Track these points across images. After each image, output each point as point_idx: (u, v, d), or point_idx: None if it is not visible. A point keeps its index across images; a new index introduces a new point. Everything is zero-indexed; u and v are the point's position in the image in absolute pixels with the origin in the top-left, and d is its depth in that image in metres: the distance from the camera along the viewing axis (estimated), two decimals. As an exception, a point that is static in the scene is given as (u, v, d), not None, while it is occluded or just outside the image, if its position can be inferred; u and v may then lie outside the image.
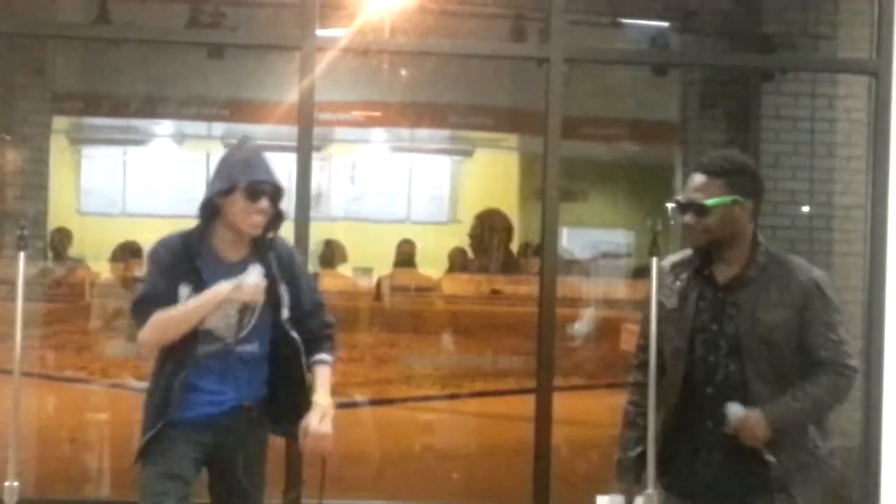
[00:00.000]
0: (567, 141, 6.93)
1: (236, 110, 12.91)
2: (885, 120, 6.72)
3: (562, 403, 6.64)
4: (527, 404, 6.79)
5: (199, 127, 14.87)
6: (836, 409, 4.44)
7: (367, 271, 12.73)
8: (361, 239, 13.53)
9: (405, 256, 12.88)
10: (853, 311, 7.09)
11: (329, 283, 11.53)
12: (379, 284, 12.21)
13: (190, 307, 4.44)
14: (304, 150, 6.62)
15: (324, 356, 4.71)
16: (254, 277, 4.46)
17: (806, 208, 8.58)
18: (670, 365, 4.47)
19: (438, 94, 12.10)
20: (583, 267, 13.49)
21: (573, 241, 13.22)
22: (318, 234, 8.98)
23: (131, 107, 12.86)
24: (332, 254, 12.56)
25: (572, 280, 12.48)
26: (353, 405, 9.96)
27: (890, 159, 6.71)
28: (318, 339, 4.72)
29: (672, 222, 4.83)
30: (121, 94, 12.42)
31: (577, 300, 10.59)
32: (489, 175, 15.42)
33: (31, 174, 9.77)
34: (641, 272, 7.33)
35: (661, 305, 4.45)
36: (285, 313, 4.61)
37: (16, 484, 4.46)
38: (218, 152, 15.47)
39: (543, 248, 6.74)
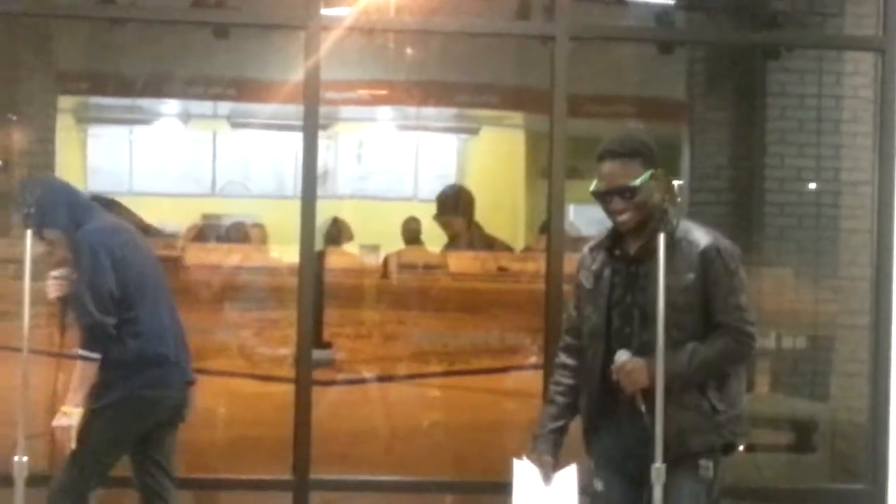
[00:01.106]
0: (573, 119, 6.93)
1: (242, 89, 12.90)
2: (892, 96, 6.71)
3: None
4: (535, 381, 6.81)
5: (204, 106, 14.88)
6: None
7: (374, 249, 12.74)
8: (368, 217, 13.54)
9: (412, 234, 12.87)
10: (860, 286, 7.11)
11: (336, 260, 11.53)
12: (386, 262, 12.21)
13: None
14: (311, 129, 6.63)
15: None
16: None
17: (812, 185, 8.58)
18: (589, 344, 4.66)
19: (444, 72, 12.08)
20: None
21: (580, 218, 13.20)
22: (324, 212, 8.99)
23: (137, 86, 12.84)
24: (338, 232, 12.56)
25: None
26: (361, 382, 9.99)
27: (896, 135, 6.71)
28: None
29: (678, 199, 4.91)
30: (126, 74, 12.40)
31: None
32: (495, 153, 15.41)
33: (37, 154, 9.78)
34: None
35: (579, 287, 4.72)
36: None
37: (25, 459, 4.49)
38: (224, 132, 15.62)
39: (550, 226, 6.74)
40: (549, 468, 4.72)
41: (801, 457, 7.87)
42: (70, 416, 5.15)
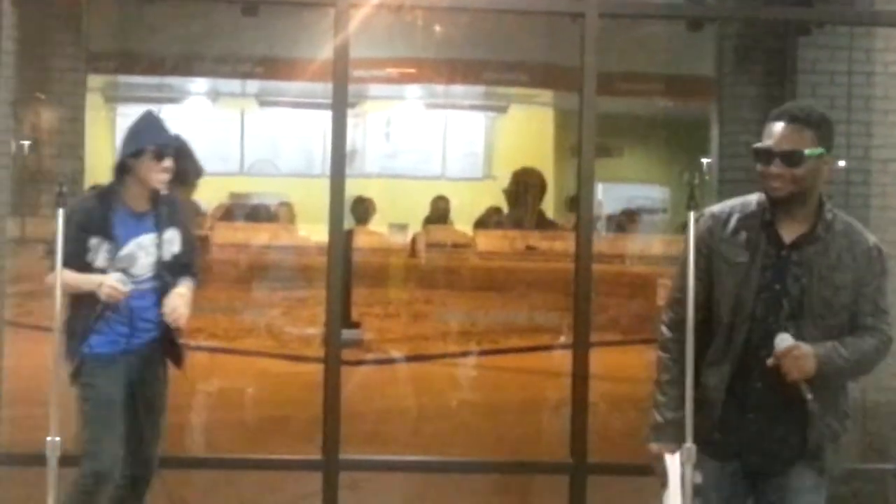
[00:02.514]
0: (602, 97, 6.89)
1: (271, 67, 12.92)
2: (923, 72, 6.66)
3: (598, 358, 6.63)
4: (563, 360, 6.80)
5: (233, 85, 14.93)
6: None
7: (402, 228, 12.76)
8: (396, 195, 13.56)
9: (440, 213, 12.89)
10: (892, 265, 7.07)
11: (362, 240, 11.55)
12: (414, 241, 12.23)
13: (72, 282, 5.04)
14: (339, 107, 6.59)
15: (187, 278, 5.39)
16: (111, 281, 5.12)
17: (842, 163, 8.53)
18: (729, 324, 4.29)
19: (473, 50, 12.06)
20: (619, 222, 13.49)
21: (608, 196, 13.22)
22: (353, 190, 9.00)
23: (166, 65, 12.89)
24: (365, 211, 12.58)
25: (607, 235, 12.49)
26: (390, 361, 10.01)
27: (928, 112, 6.66)
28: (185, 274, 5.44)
29: (707, 177, 4.79)
30: (155, 53, 12.45)
31: (614, 256, 10.59)
32: (524, 131, 15.40)
33: (67, 133, 9.78)
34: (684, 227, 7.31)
35: (723, 259, 4.30)
36: (166, 255, 5.31)
37: (58, 439, 4.50)
38: (253, 110, 15.67)
39: (579, 204, 6.71)
40: (671, 457, 4.43)
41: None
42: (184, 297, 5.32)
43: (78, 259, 5.15)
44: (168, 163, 5.26)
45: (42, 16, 8.73)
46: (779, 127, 4.16)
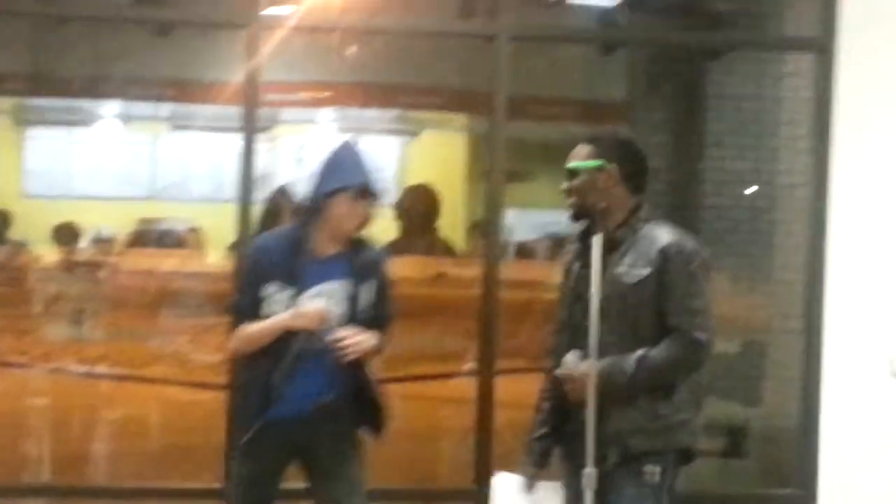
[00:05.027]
0: (514, 121, 6.87)
1: (182, 90, 12.79)
2: (829, 97, 6.68)
3: (505, 386, 6.60)
4: (470, 387, 6.74)
5: (145, 108, 14.76)
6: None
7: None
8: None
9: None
10: (794, 291, 7.08)
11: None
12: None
13: (260, 330, 4.71)
14: (249, 131, 6.53)
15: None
16: (312, 305, 4.66)
17: (753, 188, 8.56)
18: (556, 339, 4.59)
19: (387, 73, 12.03)
20: (529, 249, 13.47)
21: (520, 222, 13.18)
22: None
23: (76, 87, 12.71)
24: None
25: (517, 262, 12.46)
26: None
27: (831, 136, 6.68)
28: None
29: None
30: (65, 74, 12.28)
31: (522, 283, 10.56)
32: (436, 156, 15.40)
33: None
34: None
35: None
36: (362, 311, 4.79)
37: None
38: (165, 133, 15.50)
39: (488, 230, 6.68)
40: (530, 479, 4.52)
41: (732, 462, 7.85)
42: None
43: (255, 309, 4.76)
44: (366, 206, 4.80)
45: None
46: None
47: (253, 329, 4.73)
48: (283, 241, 4.83)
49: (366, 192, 4.78)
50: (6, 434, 8.56)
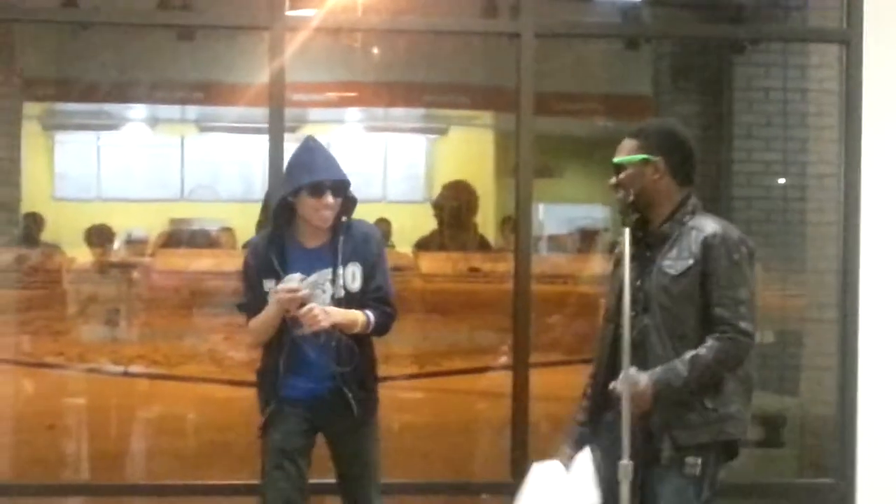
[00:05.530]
0: (540, 117, 6.91)
1: (209, 92, 12.87)
2: (857, 88, 6.70)
3: (540, 379, 6.64)
4: (506, 381, 6.79)
5: (172, 111, 14.85)
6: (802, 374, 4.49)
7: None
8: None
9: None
10: (828, 280, 7.10)
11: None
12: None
13: (263, 319, 5.05)
14: (276, 132, 6.57)
15: (367, 311, 5.10)
16: (285, 284, 4.92)
17: (782, 180, 8.57)
18: (602, 328, 4.67)
19: (412, 72, 12.07)
20: (559, 242, 13.49)
21: (549, 216, 13.23)
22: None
23: (103, 91, 12.79)
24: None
25: (549, 256, 12.49)
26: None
27: (861, 127, 6.69)
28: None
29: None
30: (92, 79, 12.36)
31: (554, 276, 10.60)
32: (464, 153, 15.42)
33: (3, 160, 9.74)
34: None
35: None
36: (340, 292, 5.05)
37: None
38: (192, 135, 15.57)
39: (518, 225, 6.72)
40: (567, 461, 4.54)
41: (769, 451, 7.85)
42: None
43: (259, 304, 5.08)
44: (329, 199, 5.05)
45: (-25, 44, 8.67)
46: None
47: (254, 323, 5.10)
48: (272, 238, 5.15)
49: (325, 186, 5.06)
50: (46, 434, 8.65)
